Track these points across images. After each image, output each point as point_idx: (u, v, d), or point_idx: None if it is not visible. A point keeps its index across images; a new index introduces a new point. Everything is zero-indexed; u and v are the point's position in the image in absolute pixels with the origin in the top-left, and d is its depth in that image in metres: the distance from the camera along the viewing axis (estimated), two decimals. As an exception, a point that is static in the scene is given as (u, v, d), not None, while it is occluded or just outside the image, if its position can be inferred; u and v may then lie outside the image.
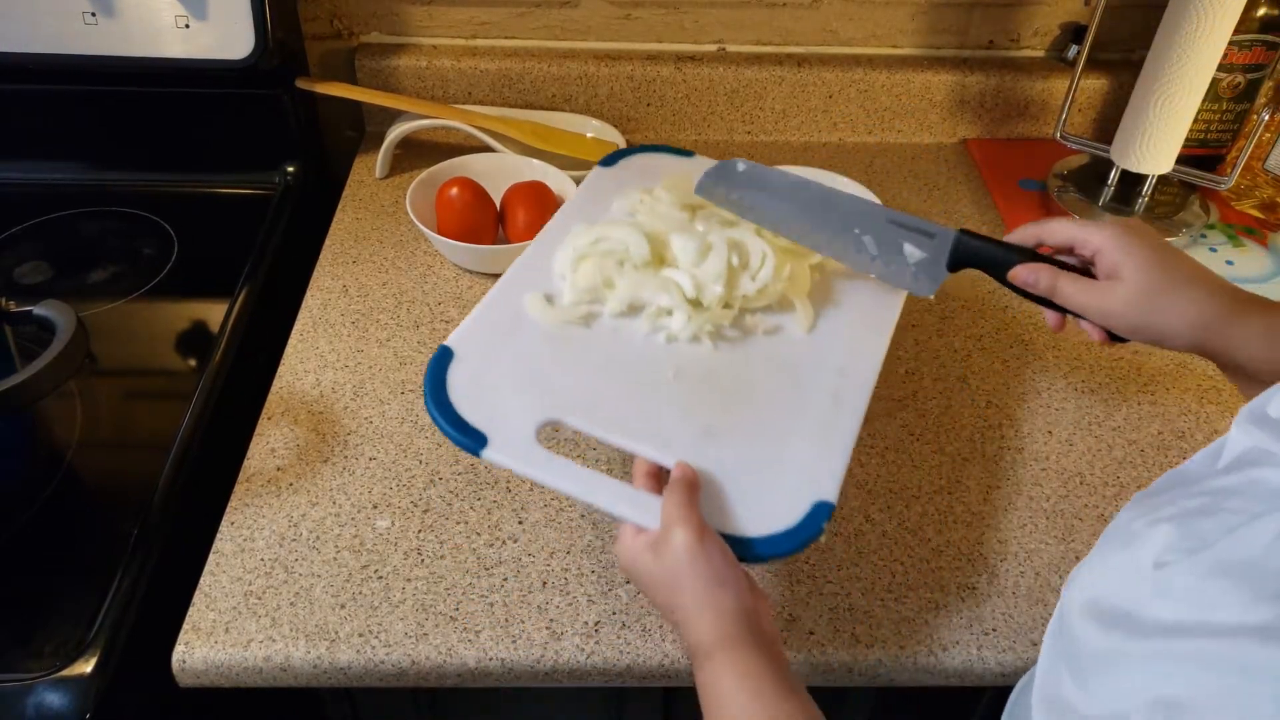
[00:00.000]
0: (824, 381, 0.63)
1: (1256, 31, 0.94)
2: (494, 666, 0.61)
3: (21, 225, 0.94)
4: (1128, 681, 0.38)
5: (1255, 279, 0.94)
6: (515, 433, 0.57)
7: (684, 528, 0.51)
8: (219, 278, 0.89)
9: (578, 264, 0.67)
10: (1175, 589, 0.39)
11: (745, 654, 0.49)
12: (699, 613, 0.51)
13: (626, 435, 0.58)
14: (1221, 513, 0.40)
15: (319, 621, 0.62)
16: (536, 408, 0.59)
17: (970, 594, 0.66)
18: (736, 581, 0.52)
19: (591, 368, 0.62)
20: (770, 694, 0.48)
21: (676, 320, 0.64)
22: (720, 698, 0.49)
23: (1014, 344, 0.86)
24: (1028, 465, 0.75)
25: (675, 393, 0.61)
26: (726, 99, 1.10)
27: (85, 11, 0.88)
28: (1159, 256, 0.56)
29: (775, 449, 0.58)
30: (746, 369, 0.64)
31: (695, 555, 0.51)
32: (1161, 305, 0.55)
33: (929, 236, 0.65)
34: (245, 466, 0.72)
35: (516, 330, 0.64)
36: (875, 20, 1.09)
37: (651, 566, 0.52)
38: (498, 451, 0.56)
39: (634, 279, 0.66)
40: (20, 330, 0.80)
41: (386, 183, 1.03)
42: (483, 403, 0.59)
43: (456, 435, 0.57)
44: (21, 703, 0.58)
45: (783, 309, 0.68)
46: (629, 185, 0.76)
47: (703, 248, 0.66)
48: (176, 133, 1.00)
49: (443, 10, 1.06)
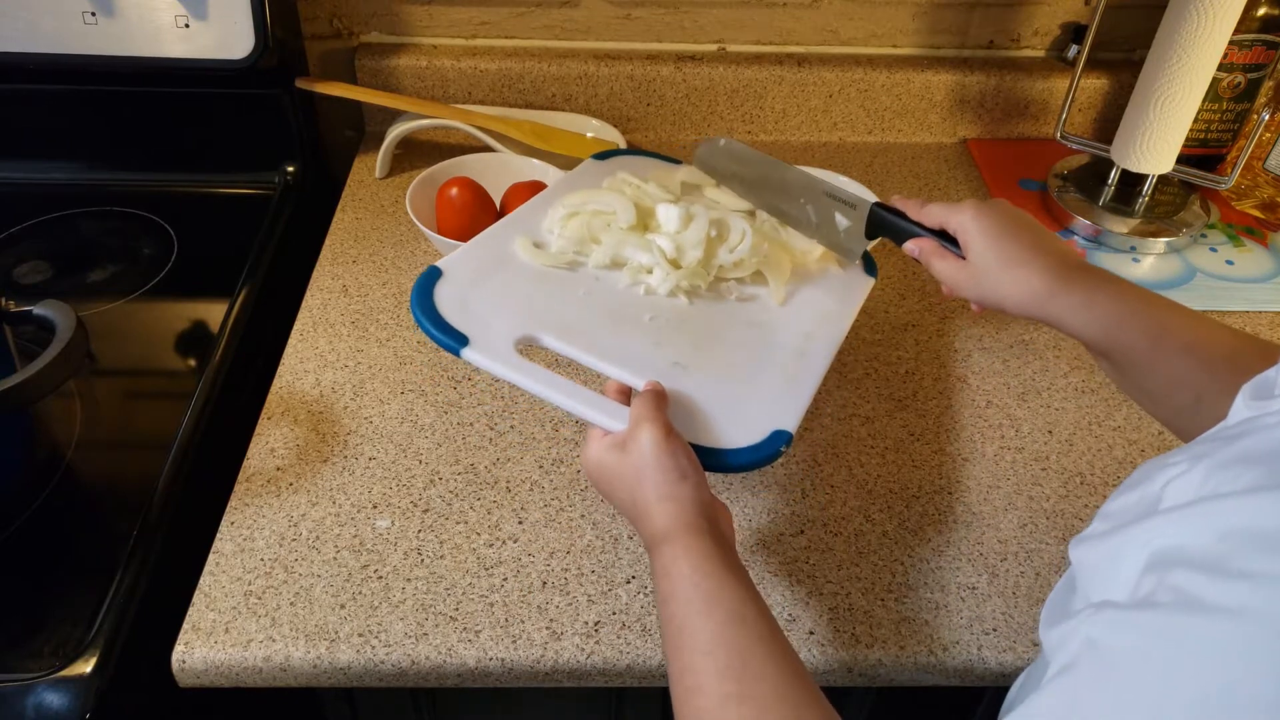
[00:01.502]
0: (791, 341, 0.68)
1: (1256, 31, 0.94)
2: (494, 666, 0.61)
3: (21, 225, 0.94)
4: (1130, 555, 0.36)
5: (1256, 279, 0.94)
6: (495, 340, 0.61)
7: (651, 424, 0.55)
8: (219, 278, 0.88)
9: (567, 220, 0.73)
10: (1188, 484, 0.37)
11: (702, 541, 0.51)
12: (659, 503, 0.53)
13: (600, 357, 0.62)
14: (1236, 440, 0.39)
15: (319, 621, 0.62)
16: (516, 324, 0.63)
17: (970, 594, 0.66)
18: (696, 476, 0.54)
19: (572, 301, 0.67)
20: (725, 577, 0.49)
21: (656, 276, 0.69)
22: (674, 580, 0.50)
23: (1014, 344, 0.86)
24: (1028, 465, 0.75)
25: (650, 330, 0.66)
26: (726, 99, 1.10)
27: (85, 11, 0.88)
28: (1001, 235, 0.61)
29: (740, 385, 0.63)
30: (719, 322, 0.68)
31: (660, 450, 0.54)
32: (996, 281, 0.61)
33: (852, 207, 0.72)
34: (245, 466, 0.72)
35: (504, 265, 0.69)
36: (875, 20, 1.09)
37: (617, 462, 0.56)
38: (477, 352, 0.60)
39: (619, 237, 0.71)
40: (20, 330, 0.80)
41: (386, 183, 1.03)
42: (466, 313, 0.63)
43: (439, 335, 0.61)
44: (21, 703, 0.58)
45: (757, 283, 0.72)
46: (620, 172, 0.80)
47: (685, 217, 0.71)
48: (176, 133, 1.00)
49: (443, 10, 1.06)
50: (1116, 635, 0.33)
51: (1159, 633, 0.32)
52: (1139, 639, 0.32)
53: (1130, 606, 0.34)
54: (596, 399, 0.59)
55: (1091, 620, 0.35)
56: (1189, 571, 0.32)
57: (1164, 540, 0.35)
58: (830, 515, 0.70)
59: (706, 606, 0.48)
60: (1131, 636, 0.33)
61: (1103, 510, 0.45)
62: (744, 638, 0.47)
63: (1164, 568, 0.34)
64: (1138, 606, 0.34)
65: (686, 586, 0.49)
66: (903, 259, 0.96)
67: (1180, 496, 0.37)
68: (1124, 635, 0.33)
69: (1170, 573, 0.33)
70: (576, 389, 0.59)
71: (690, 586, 0.49)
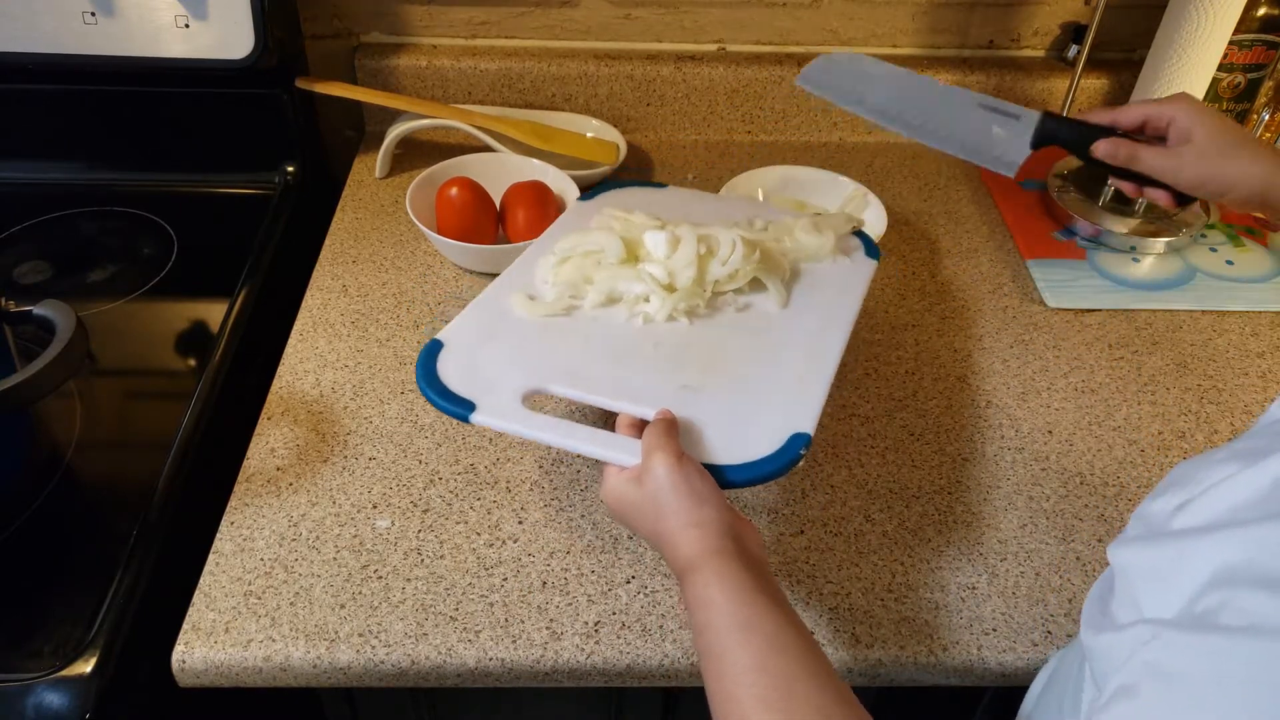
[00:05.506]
0: (797, 343, 0.67)
1: (1256, 31, 0.94)
2: (494, 666, 0.61)
3: (21, 225, 0.94)
4: (1191, 568, 0.36)
5: (1255, 279, 0.94)
6: (502, 399, 0.61)
7: (663, 453, 0.54)
8: (219, 278, 0.88)
9: (559, 266, 0.73)
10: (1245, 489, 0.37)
11: (731, 565, 0.50)
12: (683, 530, 0.52)
13: (609, 395, 0.62)
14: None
15: (319, 621, 0.62)
16: (521, 379, 0.63)
17: (970, 594, 0.66)
18: (717, 498, 0.54)
19: (574, 345, 0.67)
20: (760, 601, 0.48)
21: (652, 304, 0.69)
22: (708, 607, 0.49)
23: (1014, 344, 0.86)
24: (1028, 465, 0.75)
25: (654, 359, 0.65)
26: (726, 99, 1.10)
27: (85, 11, 0.88)
28: (1223, 120, 0.66)
29: (751, 399, 0.62)
30: (722, 338, 0.68)
31: (675, 478, 0.53)
32: (1229, 159, 0.64)
33: (1014, 119, 0.71)
34: (245, 466, 0.72)
35: (503, 325, 0.68)
36: (875, 20, 1.09)
37: (635, 496, 0.55)
38: (484, 415, 0.60)
39: (610, 273, 0.71)
40: (20, 330, 0.80)
41: (386, 183, 1.03)
42: (471, 380, 0.62)
43: (446, 405, 0.60)
44: (21, 703, 0.58)
45: (755, 290, 0.72)
46: (606, 209, 0.80)
47: (672, 240, 0.71)
48: (176, 133, 1.00)
49: (443, 10, 1.06)
50: (1183, 659, 0.33)
51: (1230, 657, 0.31)
52: (1209, 664, 0.32)
53: (1194, 628, 0.34)
54: (608, 437, 0.58)
55: (1151, 641, 0.34)
56: (1259, 593, 0.32)
57: (1232, 555, 0.34)
58: (830, 515, 0.70)
59: (744, 634, 0.47)
60: (1201, 661, 0.32)
61: (1139, 511, 0.45)
62: (785, 664, 0.46)
63: (1231, 586, 0.33)
64: (1203, 629, 0.33)
65: (722, 615, 0.48)
66: (903, 259, 0.96)
67: (1235, 500, 0.36)
68: (1191, 659, 0.33)
69: (1239, 593, 0.33)
70: (587, 431, 0.59)
71: (725, 615, 0.48)
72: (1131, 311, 0.90)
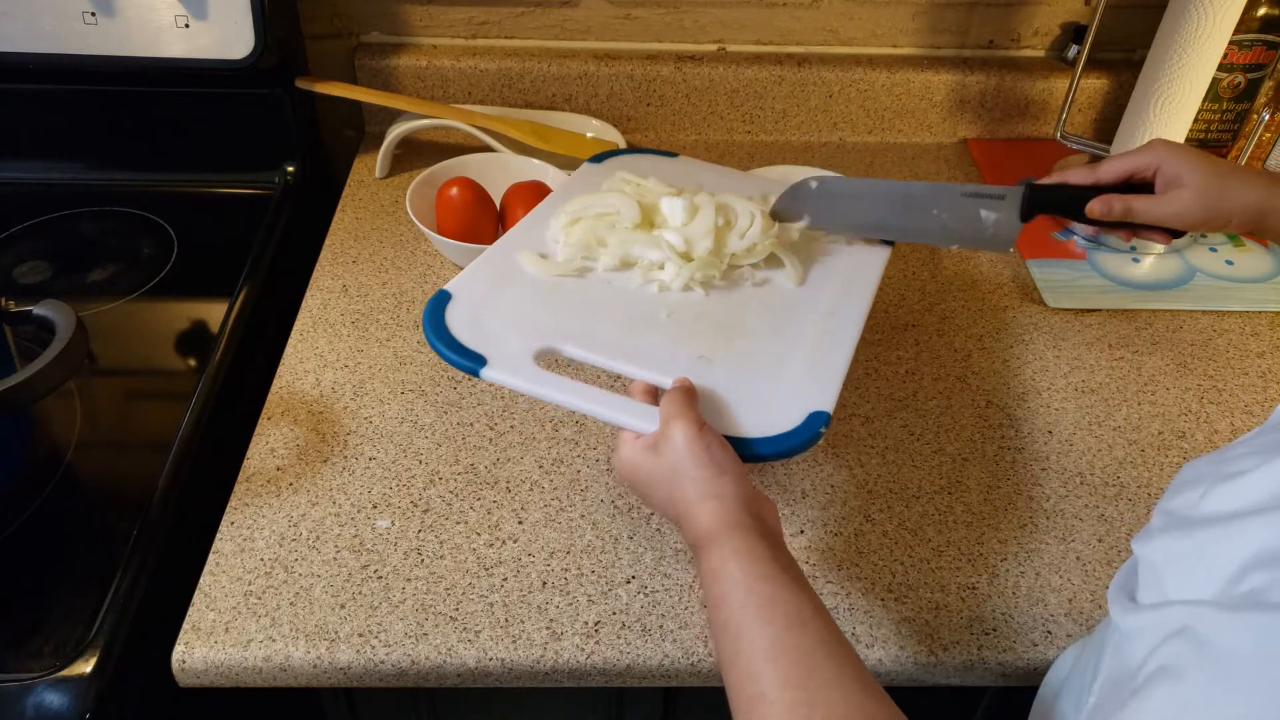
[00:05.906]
0: (814, 321, 0.67)
1: (1256, 31, 0.94)
2: (494, 666, 0.61)
3: (21, 225, 0.94)
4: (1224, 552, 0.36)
5: (1255, 279, 0.94)
6: (514, 356, 0.59)
7: (683, 421, 0.53)
8: (218, 277, 0.88)
9: (570, 226, 0.71)
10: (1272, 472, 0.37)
11: (751, 540, 0.49)
12: (700, 502, 0.51)
13: (624, 360, 0.61)
14: None
15: (319, 621, 0.62)
16: (533, 338, 0.61)
17: (970, 594, 0.66)
18: (736, 470, 0.53)
19: (586, 308, 0.65)
20: (780, 578, 0.47)
21: (668, 272, 0.68)
22: (725, 583, 0.48)
23: (1014, 344, 0.86)
24: (1028, 465, 0.75)
25: (669, 327, 0.64)
26: (726, 99, 1.10)
27: (85, 11, 0.88)
28: (1206, 158, 0.66)
29: (769, 372, 0.61)
30: (738, 311, 0.67)
31: (695, 446, 0.52)
32: (1226, 193, 0.64)
33: (999, 199, 0.71)
34: (245, 466, 0.72)
35: (512, 280, 0.67)
36: (875, 20, 1.09)
37: (651, 464, 0.54)
38: (497, 370, 0.58)
39: (625, 237, 0.69)
40: (20, 330, 0.80)
41: (386, 183, 1.03)
42: (480, 333, 0.61)
43: (456, 358, 0.59)
44: (21, 703, 0.58)
45: (772, 266, 0.71)
46: (619, 172, 0.79)
47: (690, 208, 0.70)
48: (176, 133, 1.00)
49: (443, 10, 1.06)
50: (1229, 637, 0.33)
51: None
52: (1259, 641, 0.32)
53: (1239, 607, 0.34)
54: (625, 402, 0.58)
55: (1192, 619, 0.34)
56: None
57: (1273, 538, 0.34)
58: (830, 515, 0.70)
59: (763, 611, 0.46)
60: (1250, 639, 0.33)
61: (1161, 506, 0.45)
62: (806, 641, 0.45)
63: (1276, 565, 0.33)
64: (1250, 607, 0.33)
65: (740, 590, 0.47)
66: (903, 259, 0.96)
67: (1272, 485, 0.37)
68: (1238, 637, 0.33)
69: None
70: (604, 395, 0.58)
71: (744, 590, 0.47)
72: (1131, 312, 0.90)
